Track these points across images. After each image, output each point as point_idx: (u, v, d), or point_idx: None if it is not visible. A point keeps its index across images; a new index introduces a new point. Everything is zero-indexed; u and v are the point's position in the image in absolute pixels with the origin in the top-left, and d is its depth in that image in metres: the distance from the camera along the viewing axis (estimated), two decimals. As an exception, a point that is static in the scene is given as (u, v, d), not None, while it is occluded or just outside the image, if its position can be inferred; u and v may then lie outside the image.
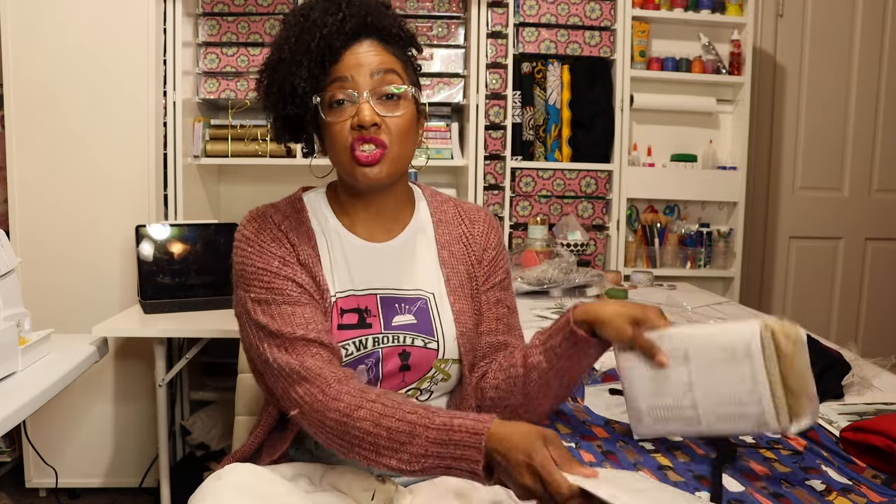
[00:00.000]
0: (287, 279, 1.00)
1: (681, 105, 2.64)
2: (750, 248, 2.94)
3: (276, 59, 1.02)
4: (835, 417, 1.09)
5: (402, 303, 1.06)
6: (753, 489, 0.87)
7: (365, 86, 1.00)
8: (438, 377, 1.06)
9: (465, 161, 2.53)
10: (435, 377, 1.06)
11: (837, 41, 2.93)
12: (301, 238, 1.05)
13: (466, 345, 1.07)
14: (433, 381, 1.06)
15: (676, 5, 2.61)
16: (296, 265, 1.02)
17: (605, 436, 1.03)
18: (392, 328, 1.04)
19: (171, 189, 2.32)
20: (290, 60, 1.00)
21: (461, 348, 1.06)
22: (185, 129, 2.36)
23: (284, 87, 1.01)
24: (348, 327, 1.02)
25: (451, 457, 0.83)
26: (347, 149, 1.00)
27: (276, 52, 1.02)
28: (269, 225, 1.05)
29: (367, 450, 0.88)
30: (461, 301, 1.09)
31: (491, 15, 2.48)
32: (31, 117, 2.16)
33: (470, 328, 1.08)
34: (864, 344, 2.92)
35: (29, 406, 1.20)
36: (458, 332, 1.06)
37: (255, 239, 1.03)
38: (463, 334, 1.07)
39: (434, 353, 1.05)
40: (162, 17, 2.26)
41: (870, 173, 3.02)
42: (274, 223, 1.05)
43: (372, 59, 1.01)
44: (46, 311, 1.99)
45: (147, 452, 2.30)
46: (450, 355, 1.06)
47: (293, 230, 1.06)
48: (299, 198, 1.12)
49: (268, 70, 1.04)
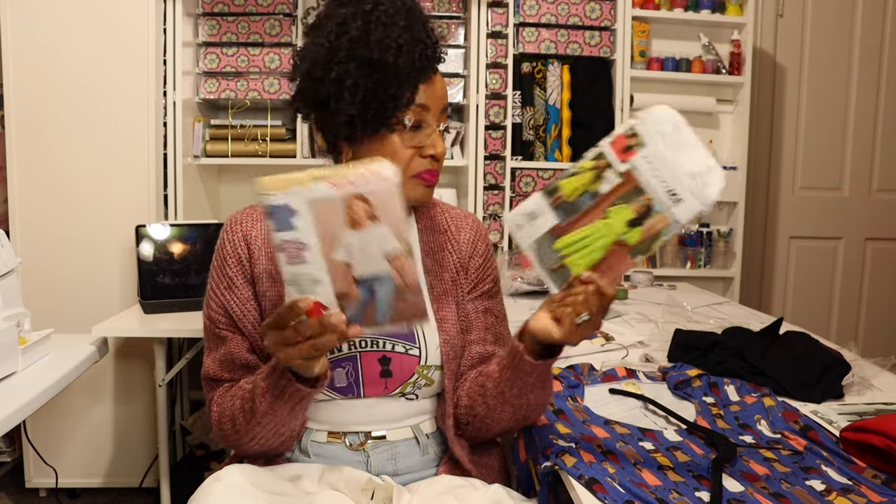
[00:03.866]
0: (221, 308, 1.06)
1: (681, 105, 2.63)
2: (750, 248, 2.94)
3: (376, 60, 0.97)
4: (835, 417, 1.09)
5: None
6: (753, 489, 0.87)
7: (436, 118, 1.04)
8: (422, 383, 1.06)
9: (465, 161, 2.53)
10: (418, 383, 1.06)
11: (837, 41, 2.94)
12: (266, 246, 1.07)
13: (450, 352, 1.07)
14: (416, 387, 1.06)
15: (676, 5, 2.61)
16: (239, 286, 1.06)
17: (605, 436, 1.03)
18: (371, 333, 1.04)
19: (171, 189, 2.32)
20: (395, 68, 0.97)
21: (444, 356, 1.06)
22: (185, 129, 2.36)
23: (382, 93, 0.98)
24: None
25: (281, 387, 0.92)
26: (412, 171, 1.03)
27: (377, 51, 0.97)
28: (236, 235, 1.08)
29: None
30: (445, 309, 1.09)
31: (491, 15, 2.48)
32: (31, 117, 2.17)
33: (454, 335, 1.08)
34: (864, 344, 2.92)
35: (29, 406, 1.20)
36: (441, 340, 1.06)
37: (219, 252, 1.09)
38: (447, 342, 1.07)
39: (416, 359, 1.05)
40: (162, 17, 2.26)
41: (870, 173, 3.02)
42: (242, 232, 1.08)
43: (443, 91, 1.07)
44: (46, 311, 1.99)
45: (147, 452, 2.30)
46: (432, 362, 1.06)
47: (260, 237, 1.07)
48: None
49: (356, 63, 0.97)
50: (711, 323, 1.73)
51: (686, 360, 1.35)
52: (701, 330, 1.49)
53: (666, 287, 2.39)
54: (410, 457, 1.08)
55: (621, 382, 1.27)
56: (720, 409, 1.14)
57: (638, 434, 1.05)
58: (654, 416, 1.14)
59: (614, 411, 1.15)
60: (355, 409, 1.05)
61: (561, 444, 0.98)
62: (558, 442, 0.98)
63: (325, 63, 0.98)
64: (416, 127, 1.02)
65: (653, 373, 1.31)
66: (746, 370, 1.26)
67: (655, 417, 1.13)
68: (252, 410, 0.96)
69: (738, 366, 1.27)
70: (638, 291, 2.26)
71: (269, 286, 1.05)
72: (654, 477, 0.91)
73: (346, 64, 0.97)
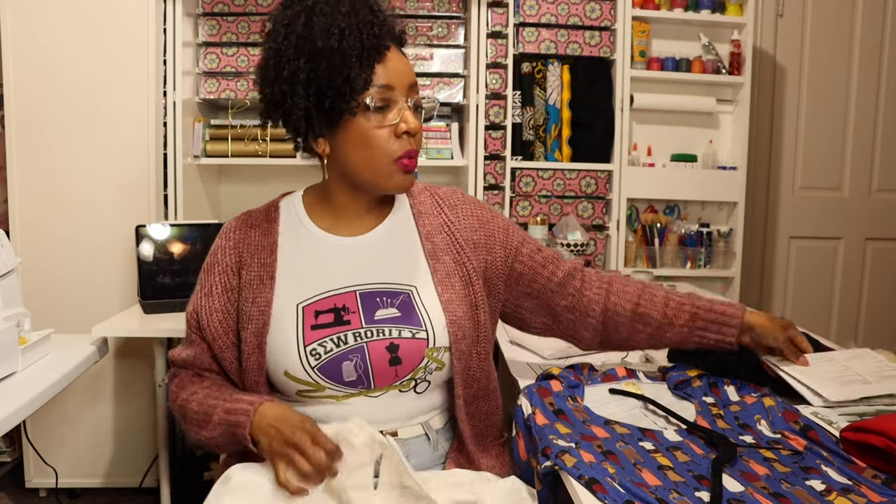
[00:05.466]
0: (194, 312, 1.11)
1: (681, 105, 2.64)
2: (750, 248, 2.94)
3: (320, 48, 0.97)
4: (835, 417, 1.09)
5: (384, 296, 1.07)
6: (753, 489, 0.87)
7: (403, 94, 1.03)
8: (432, 366, 1.07)
9: (465, 161, 2.53)
10: (428, 367, 1.06)
11: (837, 41, 2.94)
12: (259, 252, 1.09)
13: (457, 332, 1.07)
14: (427, 371, 1.07)
15: (676, 5, 2.61)
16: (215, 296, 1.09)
17: (605, 436, 1.03)
18: (375, 322, 1.04)
19: (171, 189, 2.32)
20: (341, 52, 0.97)
21: (451, 336, 1.07)
22: (185, 129, 2.36)
23: (333, 79, 0.98)
24: (323, 326, 1.04)
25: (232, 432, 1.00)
26: (390, 154, 1.03)
27: (320, 40, 0.97)
28: (228, 243, 1.11)
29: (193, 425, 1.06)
30: (449, 291, 1.09)
31: (491, 15, 2.48)
32: (31, 117, 2.17)
33: (460, 315, 1.08)
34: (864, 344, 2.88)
35: (29, 406, 1.20)
36: (447, 321, 1.07)
37: (210, 256, 1.12)
38: (453, 322, 1.07)
39: (424, 342, 1.05)
40: (162, 17, 2.26)
41: (870, 173, 3.02)
42: (234, 240, 1.11)
43: (406, 68, 1.05)
44: (46, 311, 1.99)
45: (147, 452, 2.30)
46: (441, 343, 1.06)
47: (254, 243, 1.10)
48: (276, 205, 1.15)
49: (304, 57, 0.98)
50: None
51: (686, 360, 1.35)
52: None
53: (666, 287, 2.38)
54: (421, 454, 1.09)
55: (621, 382, 1.27)
56: (720, 409, 1.14)
57: (638, 434, 1.05)
58: (654, 416, 1.14)
59: (614, 411, 1.15)
60: (366, 408, 1.05)
61: (561, 444, 0.97)
62: (558, 442, 0.98)
63: (275, 65, 1.00)
64: (382, 107, 1.02)
65: (653, 373, 1.31)
66: (746, 370, 1.26)
67: (655, 417, 1.13)
68: (200, 424, 1.04)
69: (738, 366, 1.27)
70: (638, 291, 2.25)
71: (259, 293, 1.06)
72: (654, 477, 0.91)
73: (296, 60, 0.98)
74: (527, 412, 1.09)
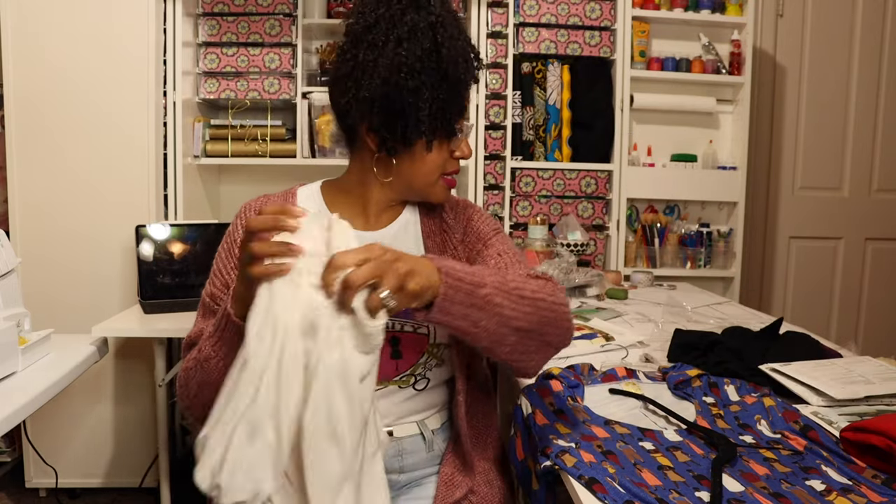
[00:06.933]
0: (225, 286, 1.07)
1: (681, 105, 2.64)
2: (750, 248, 2.94)
3: (448, 76, 1.02)
4: (835, 417, 1.09)
5: None
6: (753, 489, 0.87)
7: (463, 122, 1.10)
8: (432, 363, 1.08)
9: (465, 161, 2.52)
10: (428, 363, 1.07)
11: (837, 41, 2.94)
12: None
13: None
14: (427, 367, 1.08)
15: (676, 5, 2.61)
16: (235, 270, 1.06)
17: (605, 436, 1.03)
18: None
19: (171, 189, 2.32)
20: (465, 84, 1.05)
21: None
22: (185, 129, 2.36)
23: (451, 107, 1.04)
24: None
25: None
26: (439, 170, 1.10)
27: (450, 66, 1.01)
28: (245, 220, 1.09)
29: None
30: None
31: (491, 15, 2.48)
32: (31, 117, 2.17)
33: None
34: (864, 344, 2.92)
35: (29, 406, 1.20)
36: None
37: (229, 235, 1.12)
38: None
39: (425, 338, 1.07)
40: (162, 17, 2.26)
41: (870, 173, 3.02)
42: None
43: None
44: (46, 311, 1.99)
45: (147, 452, 2.30)
46: (441, 339, 1.07)
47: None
48: (293, 192, 1.16)
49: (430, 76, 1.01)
50: (711, 323, 1.73)
51: (686, 360, 1.35)
52: (701, 330, 1.49)
53: (666, 287, 2.39)
54: (416, 454, 1.09)
55: (621, 382, 1.27)
56: (720, 409, 1.14)
57: (638, 434, 1.05)
58: (654, 416, 1.14)
59: (614, 411, 1.15)
60: None
61: (561, 443, 0.98)
62: (558, 442, 0.98)
63: (403, 72, 1.00)
64: (458, 133, 1.09)
65: (653, 373, 1.31)
66: (746, 370, 1.26)
67: (655, 417, 1.13)
68: (199, 360, 0.97)
69: (738, 366, 1.27)
70: (638, 291, 2.26)
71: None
72: (654, 477, 0.91)
73: (420, 75, 1.00)
74: (526, 412, 1.10)
